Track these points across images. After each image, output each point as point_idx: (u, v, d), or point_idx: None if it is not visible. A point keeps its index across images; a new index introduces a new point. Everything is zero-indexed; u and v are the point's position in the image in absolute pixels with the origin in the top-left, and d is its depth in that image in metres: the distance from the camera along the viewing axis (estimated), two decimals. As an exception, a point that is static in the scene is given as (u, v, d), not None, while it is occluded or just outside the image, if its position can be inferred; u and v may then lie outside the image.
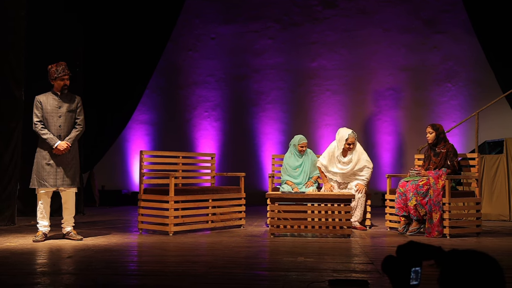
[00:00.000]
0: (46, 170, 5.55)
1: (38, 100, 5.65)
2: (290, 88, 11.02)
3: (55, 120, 5.63)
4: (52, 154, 5.57)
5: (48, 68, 5.69)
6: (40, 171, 5.54)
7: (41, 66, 7.92)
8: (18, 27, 7.16)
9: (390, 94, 10.77)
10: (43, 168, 5.55)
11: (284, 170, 6.94)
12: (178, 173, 6.81)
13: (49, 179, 5.55)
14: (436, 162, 6.24)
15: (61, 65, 5.68)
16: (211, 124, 11.05)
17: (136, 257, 4.96)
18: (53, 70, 5.65)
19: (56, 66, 5.66)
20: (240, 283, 3.70)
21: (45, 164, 5.55)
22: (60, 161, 5.61)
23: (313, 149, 11.00)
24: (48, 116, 5.62)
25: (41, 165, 5.55)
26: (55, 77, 5.64)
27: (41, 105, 5.61)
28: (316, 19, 10.98)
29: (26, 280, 3.71)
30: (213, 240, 5.78)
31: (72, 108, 5.74)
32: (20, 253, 4.85)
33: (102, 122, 9.81)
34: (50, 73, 5.66)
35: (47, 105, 5.62)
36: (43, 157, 5.57)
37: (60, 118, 5.65)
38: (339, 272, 4.01)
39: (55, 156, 5.58)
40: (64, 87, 5.70)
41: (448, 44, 10.64)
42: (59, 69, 5.65)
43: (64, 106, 5.69)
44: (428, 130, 6.39)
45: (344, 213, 5.94)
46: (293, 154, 6.92)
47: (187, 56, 11.15)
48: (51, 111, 5.63)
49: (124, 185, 10.92)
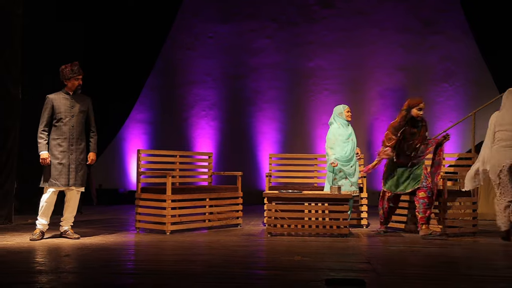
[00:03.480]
0: (58, 170, 5.55)
1: (51, 100, 5.62)
2: (287, 88, 11.02)
3: (68, 120, 5.63)
4: (63, 154, 5.57)
5: (61, 68, 5.66)
6: (52, 170, 5.53)
7: (39, 65, 7.94)
8: (15, 25, 7.14)
9: (387, 94, 10.79)
10: (55, 167, 5.54)
11: (332, 145, 6.49)
12: (175, 172, 6.80)
13: (61, 179, 5.56)
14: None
15: (76, 65, 5.70)
16: (208, 123, 11.05)
17: (133, 256, 4.96)
18: (68, 70, 5.64)
19: (71, 66, 5.67)
20: (237, 282, 3.70)
21: (57, 163, 5.55)
22: (72, 160, 5.63)
23: (311, 149, 11.07)
24: (62, 116, 5.61)
25: (52, 165, 5.54)
26: (70, 77, 5.64)
27: (52, 106, 5.60)
28: (314, 19, 10.98)
29: (23, 279, 3.71)
30: (210, 239, 5.78)
31: (83, 108, 5.75)
32: (17, 252, 4.84)
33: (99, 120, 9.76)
34: (65, 73, 5.63)
35: (60, 105, 5.61)
36: (55, 157, 5.56)
37: (73, 118, 5.66)
38: (336, 271, 4.02)
39: (67, 156, 5.59)
40: (78, 87, 5.72)
41: (445, 44, 10.66)
42: (74, 69, 5.67)
43: (77, 106, 5.70)
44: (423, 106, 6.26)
45: (341, 213, 5.95)
46: (340, 124, 6.59)
47: (184, 55, 11.14)
48: (64, 111, 5.62)
49: (121, 184, 10.91)
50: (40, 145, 5.56)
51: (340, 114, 6.62)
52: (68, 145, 5.62)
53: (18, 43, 7.20)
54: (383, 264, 4.38)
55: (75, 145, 5.67)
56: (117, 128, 10.21)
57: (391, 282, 3.74)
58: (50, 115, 5.61)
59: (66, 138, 5.62)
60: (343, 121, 6.59)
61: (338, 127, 6.57)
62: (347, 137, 6.52)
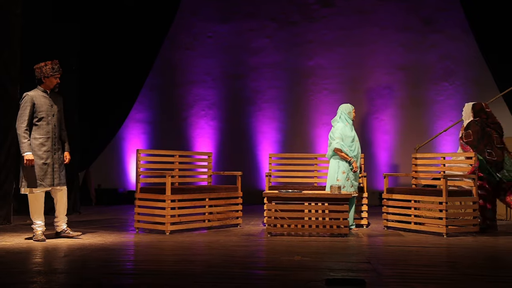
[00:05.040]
0: (43, 170, 5.50)
1: (31, 97, 5.51)
2: (287, 87, 11.01)
3: (50, 119, 5.58)
4: (47, 154, 5.53)
5: (40, 65, 5.58)
6: (37, 171, 5.48)
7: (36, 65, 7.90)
8: (13, 25, 7.13)
9: (387, 93, 10.77)
10: (40, 168, 5.49)
11: (342, 141, 6.45)
12: (174, 172, 6.79)
13: (46, 179, 5.51)
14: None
15: (57, 63, 5.64)
16: (207, 123, 11.03)
17: (132, 256, 4.94)
18: (48, 67, 5.57)
19: (51, 63, 5.60)
20: (236, 282, 3.69)
21: (42, 164, 5.50)
22: (56, 160, 5.60)
23: (310, 148, 11.05)
24: (44, 115, 5.54)
25: (37, 165, 5.49)
26: (49, 75, 5.57)
27: (33, 104, 5.50)
28: (313, 18, 10.97)
29: (22, 279, 3.69)
30: (209, 239, 5.77)
31: (60, 107, 5.71)
32: (16, 252, 4.83)
33: (98, 120, 9.78)
34: (45, 70, 5.55)
35: (41, 103, 5.54)
36: (39, 157, 5.49)
37: (53, 117, 5.61)
38: (336, 271, 4.00)
39: (51, 156, 5.55)
40: (56, 85, 5.66)
41: (445, 43, 10.64)
42: (55, 67, 5.60)
43: (55, 105, 5.65)
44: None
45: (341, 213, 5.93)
46: (347, 124, 6.55)
47: (184, 55, 11.12)
48: (46, 109, 5.55)
49: (120, 184, 10.89)
50: (24, 145, 5.42)
51: (349, 113, 6.62)
52: (51, 144, 5.57)
53: (17, 43, 7.18)
54: (383, 264, 4.36)
55: (57, 145, 5.64)
56: (116, 128, 10.19)
57: (391, 282, 3.72)
58: (32, 114, 5.50)
59: (49, 138, 5.56)
60: (350, 121, 6.59)
61: (343, 126, 6.55)
62: (353, 137, 6.53)
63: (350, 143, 6.46)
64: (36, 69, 5.62)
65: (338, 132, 6.49)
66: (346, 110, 6.62)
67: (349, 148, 6.44)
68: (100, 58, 9.84)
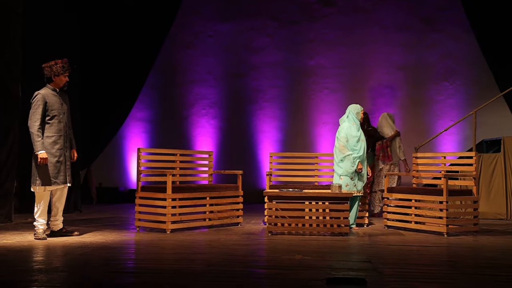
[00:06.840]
0: (57, 168, 5.53)
1: (43, 96, 5.51)
2: (288, 86, 11.01)
3: (61, 118, 5.61)
4: (60, 151, 5.55)
5: (50, 63, 5.59)
6: (50, 169, 5.49)
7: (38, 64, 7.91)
8: (15, 24, 7.13)
9: (387, 92, 10.77)
10: (54, 166, 5.51)
11: (346, 144, 6.42)
12: (175, 170, 6.79)
13: (60, 177, 5.54)
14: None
15: (67, 62, 5.67)
16: (208, 121, 11.04)
17: (133, 254, 4.95)
18: (59, 66, 5.59)
19: (61, 62, 5.62)
20: (237, 281, 3.70)
21: (56, 162, 5.52)
22: (68, 158, 5.65)
23: (311, 147, 11.06)
24: (56, 113, 5.56)
25: (51, 163, 5.50)
26: (60, 73, 5.59)
27: (45, 103, 5.51)
28: (314, 17, 10.97)
29: (23, 277, 3.71)
30: (210, 238, 5.78)
31: (68, 105, 5.74)
32: (17, 251, 4.84)
33: (99, 119, 9.79)
34: (55, 68, 5.57)
35: (53, 102, 5.56)
36: (53, 155, 5.51)
37: (64, 116, 5.65)
38: (337, 270, 4.01)
39: (63, 153, 5.58)
40: (65, 83, 5.69)
41: (446, 42, 10.64)
42: (65, 66, 5.64)
43: (64, 103, 5.69)
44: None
45: (342, 212, 5.94)
46: (354, 124, 6.53)
47: (185, 54, 11.13)
48: (57, 108, 5.58)
49: (121, 182, 10.91)
50: (38, 144, 5.44)
51: (356, 114, 6.62)
52: (63, 142, 5.60)
53: (19, 42, 7.19)
54: (383, 263, 4.37)
55: (68, 143, 5.68)
56: (117, 127, 10.20)
57: (392, 281, 3.73)
58: (44, 112, 5.51)
59: (61, 136, 5.59)
60: (357, 121, 6.59)
61: (349, 126, 6.54)
62: (359, 137, 6.52)
63: (355, 143, 6.45)
64: (46, 67, 5.62)
65: (344, 132, 6.49)
66: (355, 110, 6.63)
67: (354, 148, 6.44)
68: (102, 57, 9.85)
